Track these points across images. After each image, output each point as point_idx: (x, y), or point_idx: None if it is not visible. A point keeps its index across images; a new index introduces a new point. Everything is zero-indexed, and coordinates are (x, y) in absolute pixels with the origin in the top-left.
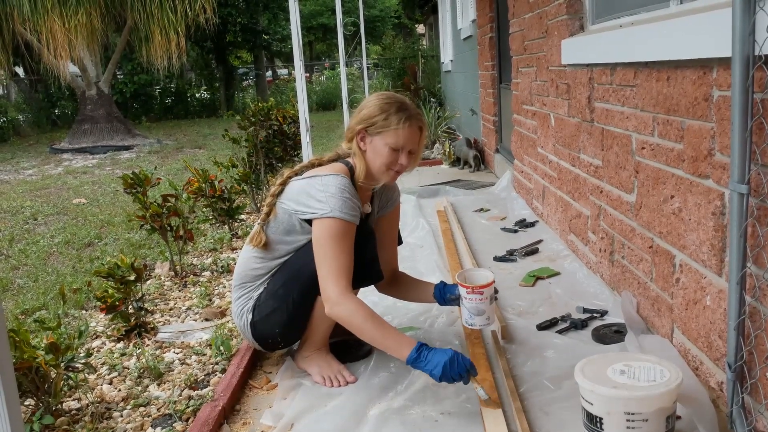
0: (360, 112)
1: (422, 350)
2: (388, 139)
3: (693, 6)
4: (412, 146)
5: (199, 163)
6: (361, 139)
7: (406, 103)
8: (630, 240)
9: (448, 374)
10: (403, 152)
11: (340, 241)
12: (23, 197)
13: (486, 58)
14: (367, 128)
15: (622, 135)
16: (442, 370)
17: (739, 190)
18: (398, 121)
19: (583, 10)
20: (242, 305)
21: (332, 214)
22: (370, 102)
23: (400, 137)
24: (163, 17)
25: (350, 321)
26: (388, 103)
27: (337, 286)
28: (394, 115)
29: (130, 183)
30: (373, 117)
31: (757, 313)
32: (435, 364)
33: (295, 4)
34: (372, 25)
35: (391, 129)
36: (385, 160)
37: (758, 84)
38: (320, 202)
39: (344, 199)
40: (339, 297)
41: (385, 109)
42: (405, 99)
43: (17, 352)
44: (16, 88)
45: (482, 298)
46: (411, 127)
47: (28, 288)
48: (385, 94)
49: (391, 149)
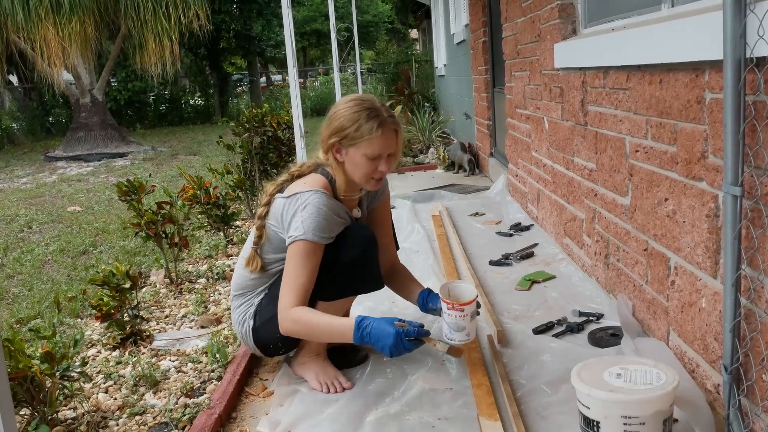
0: (330, 123)
1: (362, 329)
2: (363, 149)
3: (684, 9)
4: (389, 150)
5: (194, 169)
6: (336, 152)
7: (376, 107)
8: (625, 243)
9: (396, 353)
10: (381, 159)
11: (304, 260)
12: (18, 205)
13: (479, 63)
14: (340, 140)
15: (616, 138)
16: (389, 351)
17: (733, 192)
18: (371, 130)
19: (576, 14)
20: (243, 312)
21: (304, 236)
22: (339, 111)
23: (376, 146)
24: (156, 24)
25: (296, 329)
26: (358, 110)
27: (290, 301)
28: (366, 123)
29: (124, 190)
30: (344, 129)
31: (753, 315)
32: (381, 345)
33: (288, 11)
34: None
35: (365, 139)
36: (365, 170)
37: (750, 86)
38: (296, 223)
39: (318, 221)
40: (284, 311)
41: (355, 119)
42: (374, 101)
43: (12, 361)
44: (9, 96)
45: (463, 315)
46: (385, 133)
47: (23, 297)
48: (354, 100)
49: (369, 159)
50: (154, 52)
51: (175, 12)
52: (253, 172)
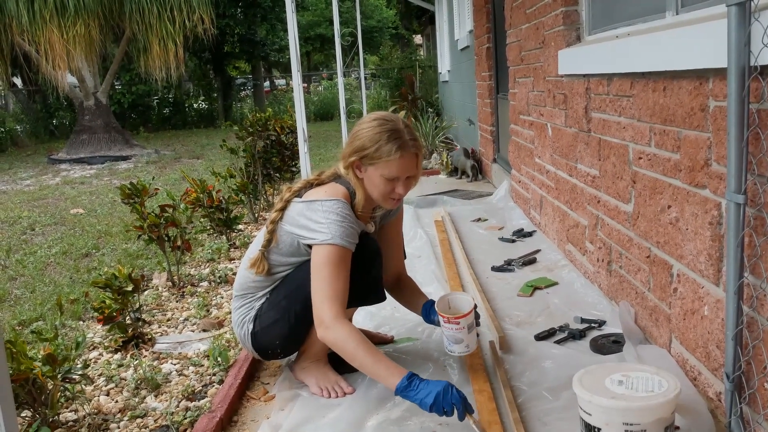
0: (353, 141)
1: (414, 379)
2: (382, 170)
3: (689, 17)
4: (408, 173)
5: (197, 173)
6: (357, 168)
7: (399, 129)
8: (627, 250)
9: (440, 403)
10: (399, 181)
11: (338, 267)
12: (21, 207)
13: (483, 69)
14: (361, 158)
15: (619, 145)
16: (434, 398)
17: (736, 200)
18: (390, 152)
19: (580, 21)
20: (243, 315)
21: (333, 240)
22: (362, 129)
23: (393, 168)
24: (161, 28)
25: (342, 346)
26: (380, 132)
27: (331, 310)
28: (386, 145)
29: (127, 193)
30: (365, 148)
31: (755, 323)
32: (427, 392)
33: (292, 15)
34: (369, 35)
35: (383, 160)
36: (382, 190)
37: (754, 94)
38: (321, 227)
39: (345, 227)
40: (332, 321)
41: (376, 140)
42: (398, 122)
43: (14, 363)
44: (14, 99)
45: (459, 328)
46: (404, 156)
47: (26, 299)
48: (378, 119)
49: (386, 180)
50: (158, 56)
51: (179, 16)
52: (256, 176)
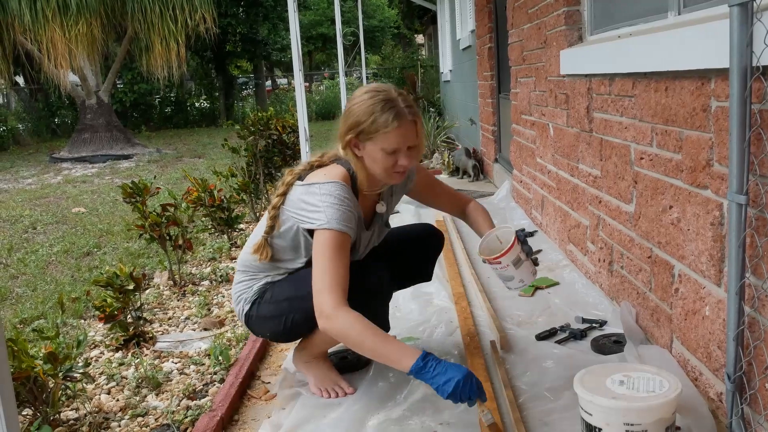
0: (347, 117)
1: (429, 359)
2: (380, 144)
3: (691, 17)
4: (409, 143)
5: (199, 172)
6: (354, 146)
7: (393, 98)
8: (629, 250)
9: (458, 393)
10: (401, 153)
11: (336, 253)
12: (22, 206)
13: (485, 68)
14: (357, 135)
15: (621, 145)
16: (453, 387)
17: (738, 200)
18: (386, 123)
19: (582, 21)
20: (241, 292)
21: (328, 225)
22: (355, 105)
23: (392, 139)
24: (163, 27)
25: (346, 335)
26: (373, 103)
27: (330, 299)
28: (381, 116)
29: (129, 192)
30: (360, 123)
31: (756, 323)
32: (446, 379)
33: (294, 14)
34: (371, 35)
35: (381, 133)
36: (384, 165)
37: (756, 95)
38: (318, 211)
39: (341, 210)
40: (332, 311)
41: (370, 112)
42: (391, 91)
43: (15, 361)
44: (16, 97)
45: (503, 267)
46: (402, 125)
47: (27, 297)
48: (369, 91)
49: (387, 153)
50: (160, 55)
51: (181, 15)
52: (257, 176)
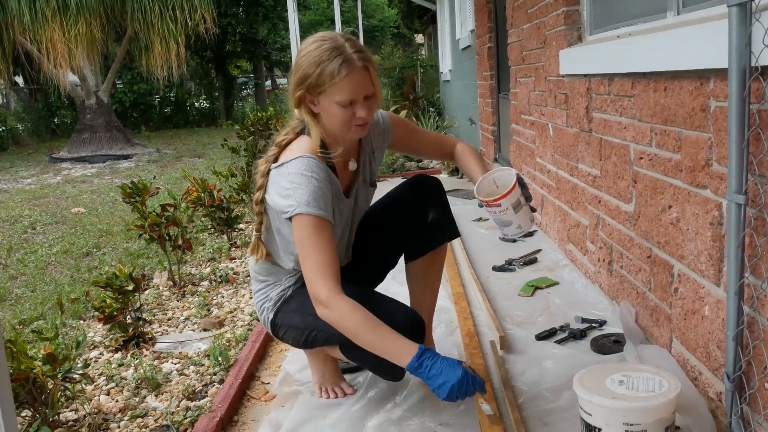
0: (296, 72)
1: (424, 358)
2: (333, 96)
3: (690, 17)
4: (364, 92)
5: (198, 172)
6: (309, 102)
7: (339, 45)
8: (628, 250)
9: (454, 396)
10: (357, 104)
11: (316, 238)
12: (22, 206)
13: (484, 68)
14: (308, 90)
15: (620, 145)
16: (448, 393)
17: (737, 200)
18: (334, 73)
19: (581, 21)
20: (261, 301)
21: (299, 209)
22: (301, 57)
23: (345, 90)
24: (163, 27)
25: (344, 325)
26: (318, 53)
27: (324, 286)
28: (328, 65)
29: (128, 192)
30: (308, 76)
31: (756, 323)
32: (441, 382)
33: (294, 14)
34: (371, 34)
35: (331, 84)
36: (342, 118)
37: (755, 95)
38: (289, 196)
39: (311, 189)
40: (328, 299)
41: (317, 63)
42: (338, 38)
43: (14, 362)
44: (15, 97)
45: (501, 210)
46: (351, 73)
47: (26, 298)
48: (315, 41)
49: (342, 107)
50: (160, 55)
51: (181, 15)
52: None
